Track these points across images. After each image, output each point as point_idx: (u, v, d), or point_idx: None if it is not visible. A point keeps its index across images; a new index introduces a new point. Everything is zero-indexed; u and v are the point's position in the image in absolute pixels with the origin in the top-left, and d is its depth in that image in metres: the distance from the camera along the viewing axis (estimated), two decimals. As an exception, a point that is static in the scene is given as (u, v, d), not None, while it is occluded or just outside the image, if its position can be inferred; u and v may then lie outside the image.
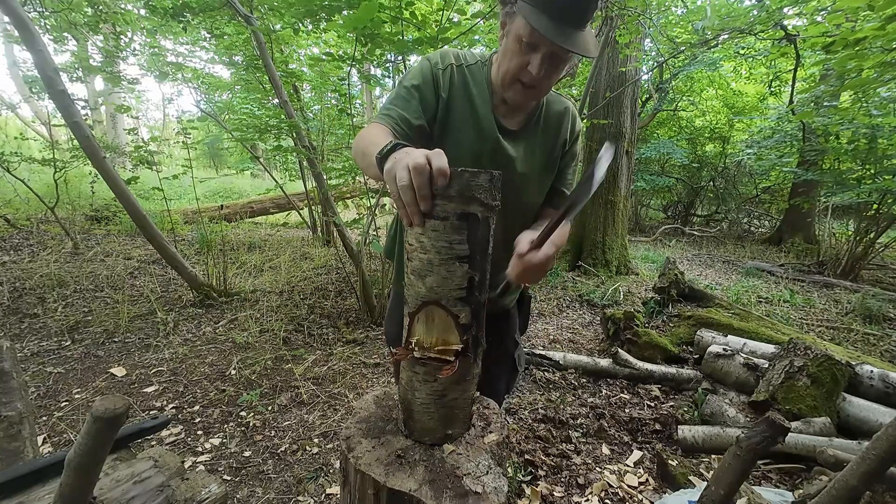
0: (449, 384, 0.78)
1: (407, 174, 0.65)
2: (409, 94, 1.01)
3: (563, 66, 0.95)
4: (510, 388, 1.39)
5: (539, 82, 0.94)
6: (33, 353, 2.60)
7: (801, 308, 4.25)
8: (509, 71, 0.95)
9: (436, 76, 1.02)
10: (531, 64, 0.91)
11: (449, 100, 1.03)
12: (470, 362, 0.78)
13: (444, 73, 1.02)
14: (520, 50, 0.92)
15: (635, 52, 5.02)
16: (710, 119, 10.84)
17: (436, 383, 0.77)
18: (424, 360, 0.75)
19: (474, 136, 1.03)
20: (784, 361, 2.14)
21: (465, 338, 0.74)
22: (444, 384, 0.78)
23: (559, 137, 1.11)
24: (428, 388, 0.78)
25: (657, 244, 7.88)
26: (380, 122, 0.97)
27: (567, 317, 3.83)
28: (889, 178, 5.01)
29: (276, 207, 7.12)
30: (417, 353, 0.76)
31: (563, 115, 1.11)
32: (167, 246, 3.24)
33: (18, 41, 3.00)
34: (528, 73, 0.92)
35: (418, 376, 0.78)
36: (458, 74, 1.04)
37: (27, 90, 5.36)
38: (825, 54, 2.61)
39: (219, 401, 2.26)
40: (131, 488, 0.78)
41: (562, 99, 1.13)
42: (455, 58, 1.05)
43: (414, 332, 0.76)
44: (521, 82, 0.95)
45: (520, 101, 1.00)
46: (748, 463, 1.11)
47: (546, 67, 0.92)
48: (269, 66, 2.97)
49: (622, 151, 5.21)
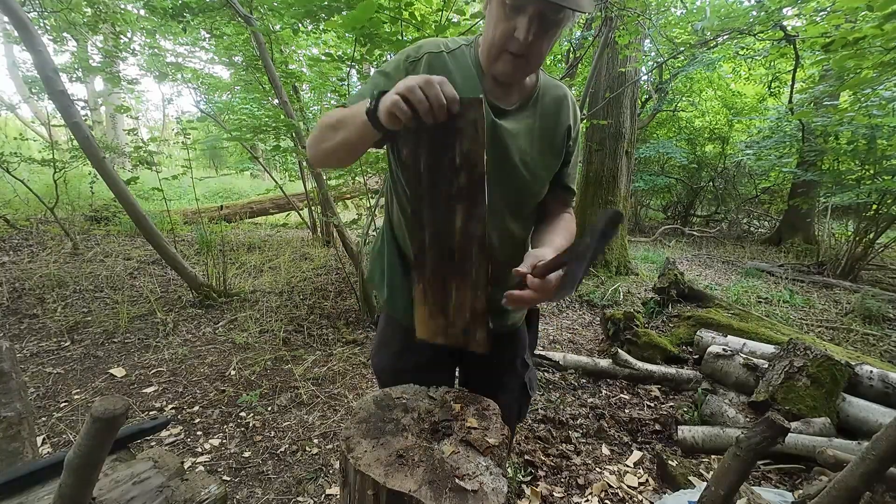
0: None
1: (415, 84, 0.66)
2: (373, 85, 0.93)
3: (554, 31, 0.84)
4: (522, 414, 1.27)
5: (528, 49, 0.83)
6: (33, 353, 2.60)
7: (801, 308, 4.25)
8: (495, 40, 0.85)
9: (407, 70, 0.93)
10: (518, 28, 0.80)
11: None
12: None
13: (416, 64, 0.93)
14: (504, 14, 0.81)
15: (635, 52, 5.02)
16: (709, 119, 10.85)
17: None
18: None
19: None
20: (784, 362, 2.14)
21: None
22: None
23: (560, 122, 1.01)
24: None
25: (657, 244, 7.88)
26: (339, 105, 0.94)
27: (567, 317, 3.84)
28: (888, 179, 5.01)
29: (276, 208, 7.11)
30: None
31: (563, 100, 1.01)
32: (167, 246, 3.23)
33: (18, 41, 3.00)
34: (515, 41, 0.82)
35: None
36: (437, 62, 0.94)
37: (27, 90, 5.35)
38: (824, 54, 2.62)
39: (218, 401, 2.26)
40: (131, 489, 0.78)
41: (559, 84, 1.04)
42: (434, 46, 0.96)
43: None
44: (509, 51, 0.84)
45: (510, 74, 0.89)
46: (748, 463, 1.11)
47: (535, 30, 0.80)
48: (269, 67, 2.97)
49: (622, 152, 5.21)
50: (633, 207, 9.84)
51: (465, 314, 0.88)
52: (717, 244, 8.37)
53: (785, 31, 4.54)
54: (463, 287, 0.87)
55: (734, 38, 4.70)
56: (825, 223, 6.86)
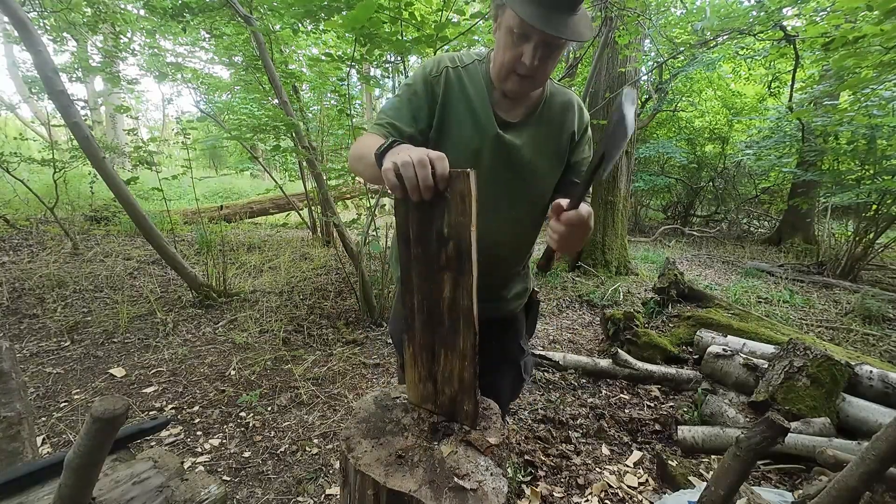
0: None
1: (410, 161, 0.69)
2: (401, 103, 1.04)
3: (558, 53, 0.95)
4: (514, 395, 1.36)
5: (534, 71, 0.94)
6: (32, 353, 2.60)
7: (801, 308, 4.25)
8: (504, 63, 0.95)
9: (429, 83, 1.04)
10: (525, 55, 0.91)
11: (445, 103, 1.04)
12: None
13: (438, 80, 1.04)
14: (512, 42, 0.92)
15: (635, 52, 5.02)
16: (709, 119, 10.85)
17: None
18: None
19: (472, 133, 1.04)
20: (784, 362, 2.14)
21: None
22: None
23: (564, 129, 1.10)
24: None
25: (657, 244, 7.88)
26: (373, 131, 1.00)
27: (567, 317, 3.83)
28: (888, 179, 5.01)
29: (276, 208, 7.11)
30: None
31: (568, 107, 1.11)
32: (167, 246, 3.23)
33: (18, 41, 3.00)
34: (522, 65, 0.92)
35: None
36: (454, 76, 1.05)
37: (27, 90, 5.35)
38: (824, 54, 2.62)
39: (218, 401, 2.26)
40: (131, 489, 0.78)
41: (567, 91, 1.13)
42: (451, 61, 1.07)
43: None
44: (517, 73, 0.95)
45: (518, 92, 1.00)
46: (748, 463, 1.11)
47: (540, 56, 0.91)
48: (269, 67, 2.97)
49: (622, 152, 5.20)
50: (633, 207, 9.84)
51: (453, 383, 0.87)
52: (716, 244, 8.37)
53: (785, 31, 4.54)
54: (452, 356, 0.86)
55: (734, 38, 4.70)
56: (825, 223, 6.86)
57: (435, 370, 0.89)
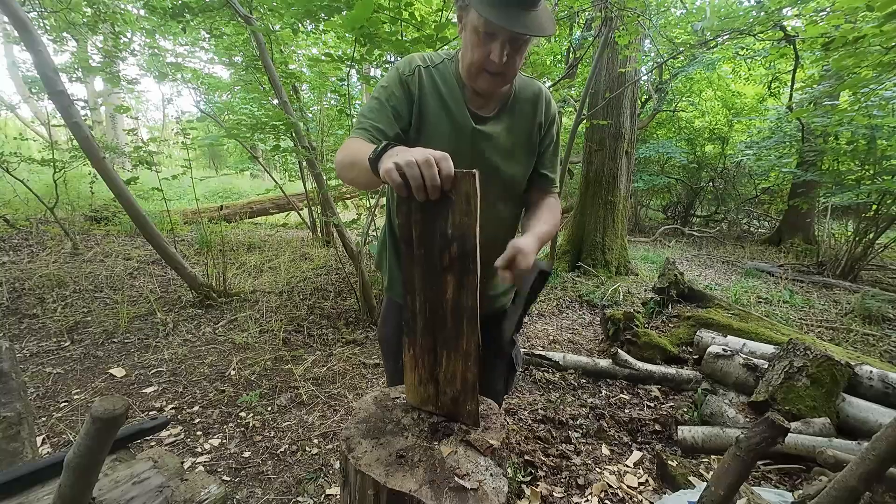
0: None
1: (414, 160, 0.69)
2: (380, 105, 1.03)
3: (524, 48, 0.96)
4: (509, 387, 1.40)
5: (504, 68, 0.95)
6: (32, 353, 2.60)
7: (801, 308, 4.25)
8: (474, 62, 0.96)
9: (404, 83, 1.04)
10: (493, 52, 0.93)
11: (421, 102, 1.05)
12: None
13: (412, 79, 1.05)
14: (479, 41, 0.93)
15: (635, 52, 5.02)
16: (709, 120, 10.86)
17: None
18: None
19: (450, 131, 1.05)
20: (783, 362, 2.14)
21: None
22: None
23: (535, 120, 1.13)
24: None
25: (657, 245, 7.88)
26: (357, 135, 1.00)
27: (567, 317, 3.83)
28: (888, 179, 5.01)
29: (276, 208, 7.11)
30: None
31: (537, 98, 1.13)
32: (167, 246, 3.23)
33: (18, 41, 3.00)
34: (491, 63, 0.94)
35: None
36: (427, 76, 1.06)
37: (27, 90, 5.35)
38: (824, 54, 2.62)
39: (218, 401, 2.26)
40: (130, 489, 0.78)
41: (533, 82, 1.15)
42: (422, 60, 1.08)
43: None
44: (487, 71, 0.96)
45: (490, 89, 1.02)
46: (748, 463, 1.11)
47: (508, 53, 0.93)
48: (269, 67, 2.97)
49: (622, 152, 5.21)
50: (633, 207, 9.84)
51: (456, 384, 0.87)
52: (716, 244, 8.37)
53: (785, 31, 4.54)
54: (454, 356, 0.85)
55: (734, 39, 4.70)
56: (825, 223, 6.86)
57: (437, 372, 0.88)
